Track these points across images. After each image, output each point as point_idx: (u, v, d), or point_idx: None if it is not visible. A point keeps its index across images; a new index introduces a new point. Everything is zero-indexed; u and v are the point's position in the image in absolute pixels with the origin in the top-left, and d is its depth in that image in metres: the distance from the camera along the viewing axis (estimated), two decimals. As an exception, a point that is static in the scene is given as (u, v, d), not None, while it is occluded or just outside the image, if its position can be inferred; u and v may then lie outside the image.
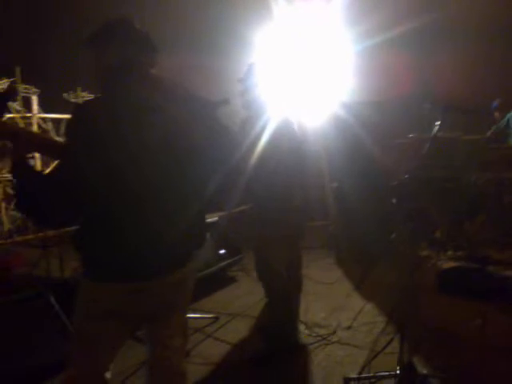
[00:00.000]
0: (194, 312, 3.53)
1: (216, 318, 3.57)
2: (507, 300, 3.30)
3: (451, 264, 4.39)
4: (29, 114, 3.61)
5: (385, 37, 5.28)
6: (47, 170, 1.80)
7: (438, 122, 2.47)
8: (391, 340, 2.87)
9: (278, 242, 2.84)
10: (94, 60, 1.69)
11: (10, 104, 3.50)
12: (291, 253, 3.00)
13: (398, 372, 2.48)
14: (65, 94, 4.16)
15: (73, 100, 4.15)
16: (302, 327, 3.27)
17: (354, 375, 2.67)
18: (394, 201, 2.85)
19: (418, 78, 5.42)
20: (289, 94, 3.57)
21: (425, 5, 5.43)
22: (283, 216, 2.80)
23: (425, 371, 2.60)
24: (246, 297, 4.02)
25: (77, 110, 1.63)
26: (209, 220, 3.99)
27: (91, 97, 3.89)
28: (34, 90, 3.75)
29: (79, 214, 1.62)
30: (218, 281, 4.36)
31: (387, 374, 2.59)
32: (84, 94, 4.16)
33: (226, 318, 3.59)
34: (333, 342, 3.13)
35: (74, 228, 1.66)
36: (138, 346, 2.10)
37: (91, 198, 1.57)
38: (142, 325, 1.81)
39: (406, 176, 2.52)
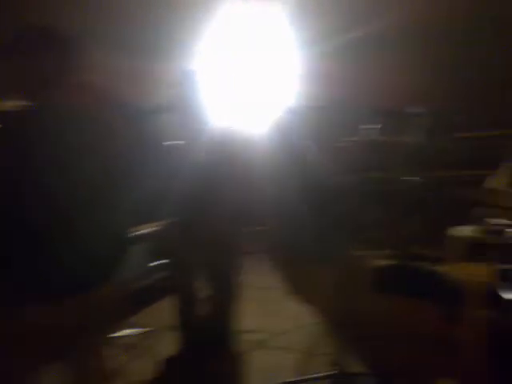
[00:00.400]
0: (129, 327, 3.40)
1: (151, 332, 3.45)
2: (439, 296, 3.37)
3: (386, 262, 4.47)
4: None
5: (330, 43, 5.40)
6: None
7: (375, 126, 2.49)
8: (327, 341, 2.87)
9: (200, 248, 2.79)
10: (20, 67, 1.62)
11: None
12: (223, 259, 2.96)
13: (333, 373, 2.48)
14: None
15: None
16: (237, 333, 3.21)
17: (291, 379, 2.64)
18: (325, 203, 2.87)
19: (359, 84, 5.51)
20: (232, 100, 3.53)
21: (368, 14, 5.59)
22: (207, 221, 2.75)
23: (360, 370, 2.61)
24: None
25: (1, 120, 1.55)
26: (142, 231, 3.87)
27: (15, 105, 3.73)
28: None
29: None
30: (153, 293, 4.23)
31: (324, 375, 2.59)
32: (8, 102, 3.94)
33: (161, 331, 3.48)
34: (269, 347, 3.10)
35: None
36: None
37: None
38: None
39: (338, 178, 2.54)
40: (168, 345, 3.24)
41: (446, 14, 5.22)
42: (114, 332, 1.92)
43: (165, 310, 3.92)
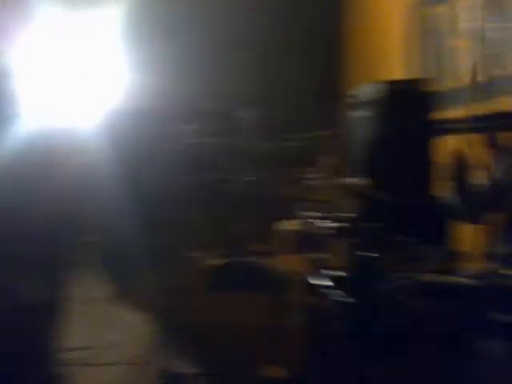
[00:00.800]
0: None
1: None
2: (266, 288, 3.52)
3: (219, 261, 4.54)
4: None
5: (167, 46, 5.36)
6: None
7: (197, 126, 2.45)
8: (159, 350, 2.80)
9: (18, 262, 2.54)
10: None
11: None
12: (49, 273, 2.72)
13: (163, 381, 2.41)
14: None
15: None
16: (65, 352, 2.99)
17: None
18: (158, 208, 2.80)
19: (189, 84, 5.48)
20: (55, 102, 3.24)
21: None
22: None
23: (192, 372, 2.60)
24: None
25: None
26: None
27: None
28: None
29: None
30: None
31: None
32: None
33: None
34: (100, 364, 2.94)
35: None
36: None
37: None
38: None
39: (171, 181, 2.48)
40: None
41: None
42: None
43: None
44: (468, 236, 3.14)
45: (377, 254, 1.61)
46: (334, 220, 1.79)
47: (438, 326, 1.47)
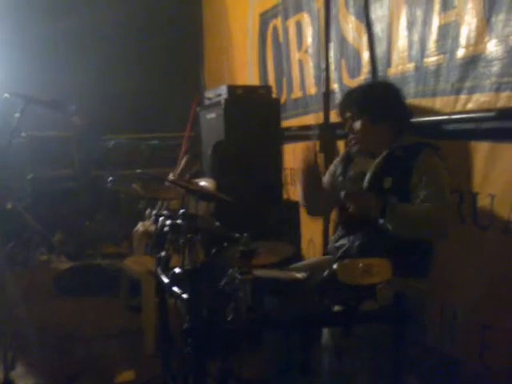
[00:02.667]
0: None
1: None
2: (119, 289, 3.44)
3: (67, 265, 4.35)
4: None
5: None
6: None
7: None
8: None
9: None
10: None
11: None
12: None
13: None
14: None
15: None
16: None
17: None
18: None
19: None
20: None
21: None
22: None
23: (29, 382, 2.45)
24: None
25: None
26: None
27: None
28: None
29: None
30: None
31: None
32: None
33: None
34: None
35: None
36: None
37: None
38: None
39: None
40: None
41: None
42: None
43: None
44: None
45: (215, 250, 1.66)
46: (179, 218, 1.81)
47: (277, 318, 1.54)
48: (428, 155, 1.92)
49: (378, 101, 2.04)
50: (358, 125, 2.06)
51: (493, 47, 1.96)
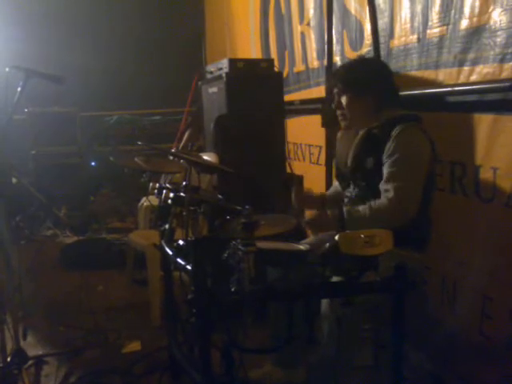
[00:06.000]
0: None
1: None
2: (124, 263, 3.49)
3: (73, 239, 4.39)
4: None
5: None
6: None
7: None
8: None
9: None
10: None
11: None
12: None
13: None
14: None
15: None
16: None
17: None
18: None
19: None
20: None
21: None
22: None
23: (39, 352, 2.51)
24: None
25: None
26: None
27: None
28: None
29: None
30: None
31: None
32: None
33: None
34: None
35: None
36: None
37: None
38: None
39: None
40: None
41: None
42: None
43: None
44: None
45: (218, 222, 1.68)
46: (182, 191, 1.82)
47: (279, 289, 1.57)
48: (401, 131, 1.88)
49: (361, 74, 2.02)
50: (343, 100, 2.05)
51: (497, 17, 1.93)
